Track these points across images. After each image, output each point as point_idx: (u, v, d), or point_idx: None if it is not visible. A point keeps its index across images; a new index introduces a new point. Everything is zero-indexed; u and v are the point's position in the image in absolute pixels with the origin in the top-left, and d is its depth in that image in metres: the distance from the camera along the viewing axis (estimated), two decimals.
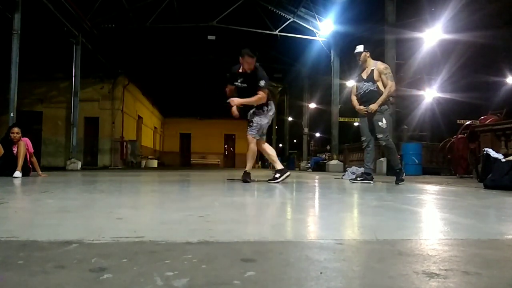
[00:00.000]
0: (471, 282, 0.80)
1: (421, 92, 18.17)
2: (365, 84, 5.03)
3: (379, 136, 4.91)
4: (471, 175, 7.86)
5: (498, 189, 3.79)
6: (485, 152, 4.91)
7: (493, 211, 2.31)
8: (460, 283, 0.80)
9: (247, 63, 4.47)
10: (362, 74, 5.14)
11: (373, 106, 4.85)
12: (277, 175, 4.55)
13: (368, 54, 5.07)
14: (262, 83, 4.47)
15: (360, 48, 5.09)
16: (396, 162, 5.03)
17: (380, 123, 4.87)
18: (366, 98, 5.02)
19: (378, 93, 4.90)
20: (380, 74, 4.91)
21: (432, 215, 2.05)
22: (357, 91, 5.20)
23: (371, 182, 4.98)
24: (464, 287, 0.78)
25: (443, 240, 1.26)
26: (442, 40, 12.25)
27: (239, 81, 4.61)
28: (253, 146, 4.64)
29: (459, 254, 1.05)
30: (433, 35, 11.99)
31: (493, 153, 4.71)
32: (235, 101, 4.58)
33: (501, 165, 4.12)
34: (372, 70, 4.96)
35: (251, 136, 4.61)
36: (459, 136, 8.93)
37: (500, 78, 16.93)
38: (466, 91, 16.92)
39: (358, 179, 5.09)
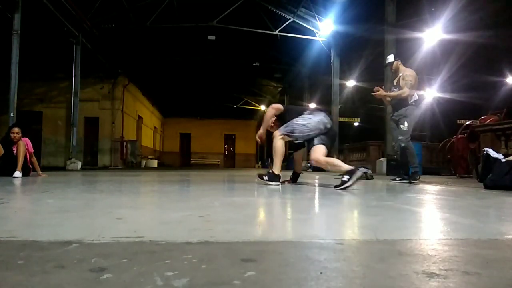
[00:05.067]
0: (471, 282, 0.80)
1: (421, 92, 18.13)
2: (394, 90, 5.32)
3: (400, 137, 5.17)
4: (471, 175, 7.86)
5: (498, 189, 3.79)
6: (485, 152, 4.90)
7: (493, 211, 2.31)
8: (460, 283, 0.79)
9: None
10: (394, 81, 5.46)
11: (381, 92, 5.25)
12: (345, 177, 3.45)
13: (399, 63, 5.37)
14: None
15: (391, 58, 5.44)
16: (414, 163, 5.14)
17: (402, 126, 5.12)
18: (393, 102, 5.37)
19: (402, 98, 5.15)
20: (402, 79, 5.16)
21: (432, 215, 2.05)
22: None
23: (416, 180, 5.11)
24: (464, 287, 0.78)
25: (443, 240, 1.26)
26: (442, 40, 12.23)
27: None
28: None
29: (459, 254, 1.05)
30: (433, 35, 11.99)
31: (493, 153, 4.70)
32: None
33: (501, 165, 4.12)
34: (400, 77, 5.24)
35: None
36: (459, 136, 8.94)
37: (500, 78, 16.90)
38: (466, 91, 16.89)
39: (411, 180, 5.08)
